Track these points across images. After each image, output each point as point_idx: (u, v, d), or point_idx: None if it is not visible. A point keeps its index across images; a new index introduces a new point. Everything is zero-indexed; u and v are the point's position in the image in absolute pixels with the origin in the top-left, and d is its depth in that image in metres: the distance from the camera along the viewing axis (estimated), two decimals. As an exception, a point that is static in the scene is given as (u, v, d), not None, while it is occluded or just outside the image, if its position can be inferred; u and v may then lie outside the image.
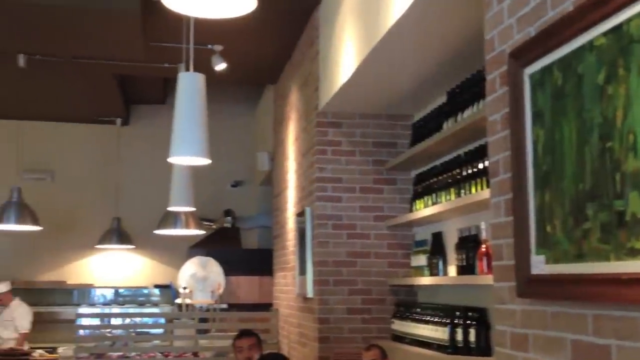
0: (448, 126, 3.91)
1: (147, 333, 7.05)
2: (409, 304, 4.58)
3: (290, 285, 5.88)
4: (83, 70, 6.54)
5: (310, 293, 4.99)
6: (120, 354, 6.00)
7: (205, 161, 3.50)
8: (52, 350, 6.43)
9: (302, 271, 5.19)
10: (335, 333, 4.80)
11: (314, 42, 5.15)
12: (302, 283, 5.20)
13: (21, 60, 6.01)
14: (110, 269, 8.79)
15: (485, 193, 3.14)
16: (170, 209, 5.43)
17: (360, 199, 4.97)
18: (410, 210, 4.64)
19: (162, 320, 7.52)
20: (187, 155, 3.54)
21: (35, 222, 6.61)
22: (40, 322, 7.23)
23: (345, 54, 4.24)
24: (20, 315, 6.95)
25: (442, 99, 4.23)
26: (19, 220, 6.45)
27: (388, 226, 4.90)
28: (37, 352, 6.15)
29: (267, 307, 6.83)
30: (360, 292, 4.87)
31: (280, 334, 6.25)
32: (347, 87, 4.35)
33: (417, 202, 4.50)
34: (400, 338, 4.39)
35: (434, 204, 4.14)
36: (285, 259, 6.14)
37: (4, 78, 6.80)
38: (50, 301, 8.19)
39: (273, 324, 6.32)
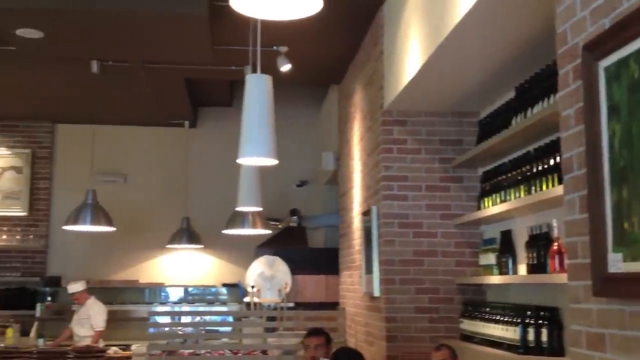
0: (517, 122, 3.84)
1: (216, 331, 7.19)
2: (477, 303, 4.52)
3: (356, 284, 5.89)
4: (153, 74, 6.73)
5: (376, 292, 4.99)
6: (191, 351, 6.14)
7: (273, 161, 3.55)
8: (126, 347, 6.59)
9: (369, 270, 5.19)
10: (403, 332, 4.78)
11: (378, 41, 5.14)
12: (368, 282, 5.20)
13: (94, 67, 6.24)
14: (180, 268, 9.00)
15: (557, 190, 3.08)
16: (238, 209, 5.51)
17: (427, 197, 4.93)
18: (478, 208, 4.58)
19: (231, 319, 7.67)
20: (255, 156, 3.59)
21: (109, 223, 6.81)
22: (113, 320, 7.43)
23: (411, 52, 4.22)
24: (96, 313, 7.14)
25: (510, 95, 4.16)
26: (94, 222, 6.65)
27: (455, 224, 4.85)
28: (112, 349, 6.33)
29: (333, 305, 6.86)
30: (428, 291, 4.85)
31: (347, 332, 6.26)
32: (412, 85, 4.33)
33: (485, 199, 4.43)
34: (469, 338, 4.34)
35: (502, 201, 4.08)
36: (352, 258, 6.16)
37: (78, 84, 7.06)
38: (123, 300, 8.44)
39: (340, 323, 6.35)
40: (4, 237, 8.61)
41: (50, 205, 8.88)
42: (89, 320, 7.08)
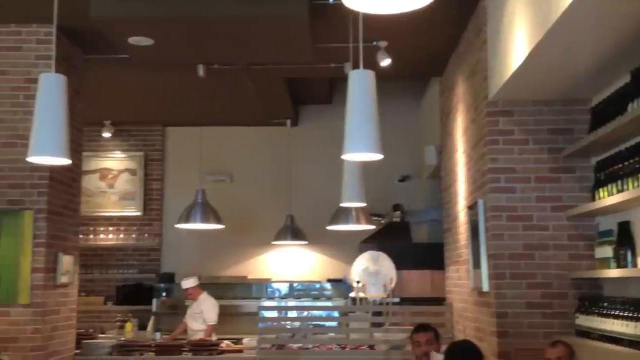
0: (634, 108, 3.65)
1: (323, 326, 7.29)
2: (594, 298, 4.33)
3: (463, 279, 5.79)
4: (256, 75, 6.89)
5: (485, 287, 4.88)
6: (300, 345, 6.26)
7: (377, 157, 3.55)
8: (237, 341, 6.80)
9: (476, 265, 5.09)
10: (515, 328, 4.66)
11: (481, 30, 5.03)
12: (476, 277, 5.10)
13: (201, 70, 6.46)
14: (286, 264, 9.18)
15: (682, 178, 2.90)
16: (342, 205, 5.56)
17: (536, 189, 4.78)
18: (592, 199, 4.39)
19: (336, 314, 7.74)
20: (359, 152, 3.60)
21: (218, 221, 7.03)
22: (224, 315, 7.66)
23: (516, 40, 4.10)
24: (208, 308, 7.39)
25: (625, 80, 3.95)
26: (204, 220, 6.89)
27: (568, 216, 4.67)
28: (224, 343, 6.54)
29: (439, 301, 6.78)
30: (540, 286, 4.69)
31: (455, 328, 6.17)
32: (518, 74, 4.20)
33: (600, 190, 4.24)
34: (585, 333, 4.17)
35: (619, 191, 3.89)
36: (458, 253, 6.06)
37: (186, 88, 7.34)
38: (233, 295, 8.68)
39: (447, 318, 6.27)
40: (121, 236, 9.09)
41: (162, 205, 9.30)
42: (202, 314, 7.34)
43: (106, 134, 8.93)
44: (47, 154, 3.30)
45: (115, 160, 9.26)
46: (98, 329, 7.53)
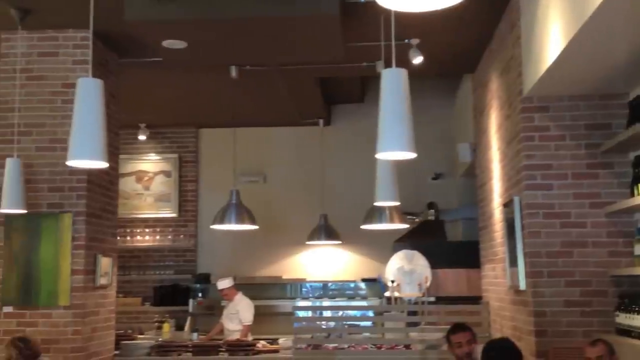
0: (673, 101, 3.57)
1: (358, 326, 7.28)
2: (635, 296, 4.25)
3: (500, 278, 5.74)
4: (288, 75, 6.92)
5: (522, 285, 4.83)
6: (335, 345, 6.26)
7: (411, 155, 3.53)
8: (273, 341, 6.82)
9: (513, 263, 5.03)
10: (553, 327, 4.60)
11: (514, 25, 4.97)
12: (513, 275, 5.05)
13: (233, 72, 6.51)
14: (320, 264, 9.19)
15: None
16: (376, 204, 5.54)
17: (573, 185, 4.71)
18: (631, 195, 4.31)
19: (371, 313, 7.73)
20: (393, 150, 3.59)
21: (253, 221, 7.06)
22: (259, 315, 7.69)
23: (551, 34, 4.04)
24: (243, 308, 7.42)
25: (664, 73, 3.88)
26: (239, 221, 6.91)
27: (607, 213, 4.59)
28: (260, 343, 6.57)
29: (475, 300, 6.72)
30: (578, 284, 4.63)
31: (492, 327, 6.11)
32: (554, 69, 4.14)
33: (639, 185, 4.16)
34: (626, 332, 4.10)
35: (659, 187, 3.81)
36: (494, 251, 6.00)
37: (219, 89, 7.40)
38: (268, 295, 8.71)
39: (484, 317, 6.21)
40: (158, 237, 9.20)
41: (197, 206, 9.39)
42: (238, 315, 7.38)
43: (141, 137, 9.05)
44: (86, 158, 3.36)
45: (151, 163, 9.38)
46: (136, 329, 7.63)
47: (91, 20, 3.67)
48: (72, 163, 3.42)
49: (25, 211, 5.15)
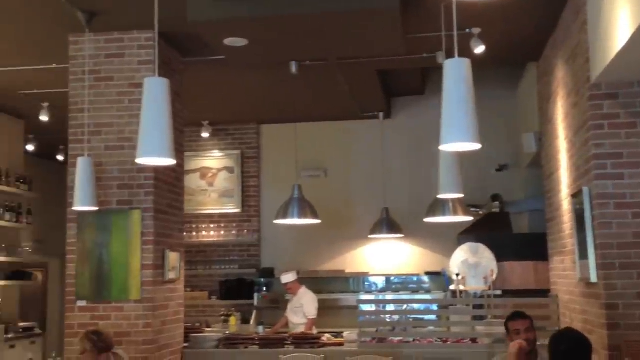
0: None
1: (422, 319, 7.23)
2: None
3: (569, 270, 5.60)
4: (347, 70, 6.91)
5: (593, 278, 4.70)
6: (400, 338, 6.24)
7: (475, 146, 3.48)
8: (337, 334, 6.84)
9: (583, 255, 4.90)
10: (625, 320, 4.47)
11: (580, 11, 4.83)
12: (583, 267, 4.92)
13: (293, 68, 6.55)
14: (382, 258, 9.16)
15: None
16: (439, 196, 5.48)
17: (646, 174, 4.55)
18: None
19: (435, 307, 7.66)
20: (457, 142, 3.55)
21: (315, 216, 7.08)
22: (323, 309, 7.73)
23: (620, 19, 3.90)
24: (307, 302, 7.48)
25: None
26: (301, 215, 6.94)
27: (683, 203, 4.42)
28: (325, 336, 6.60)
29: (544, 293, 6.58)
30: (653, 276, 4.47)
31: (562, 321, 5.98)
32: (623, 54, 4.00)
33: None
34: None
35: None
36: (562, 243, 5.86)
37: (280, 85, 7.46)
38: (331, 289, 8.75)
39: (553, 311, 6.08)
40: (222, 233, 9.36)
41: (260, 201, 9.50)
42: (302, 308, 7.44)
43: (205, 134, 9.21)
44: (154, 155, 3.44)
45: (214, 159, 9.54)
46: (203, 323, 7.78)
47: (156, 22, 3.75)
48: (141, 160, 3.51)
49: (96, 208, 5.32)
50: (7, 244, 8.12)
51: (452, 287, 7.01)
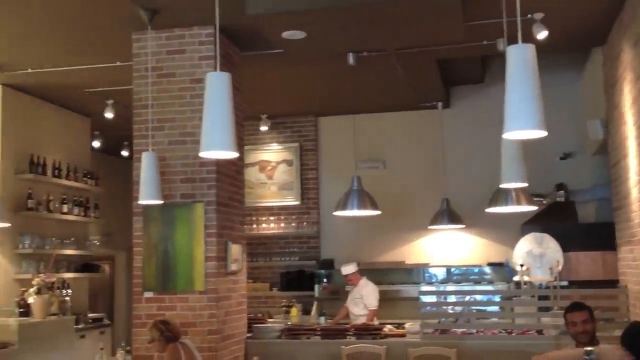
0: None
1: (484, 311, 7.13)
2: None
3: (639, 260, 5.42)
4: (405, 59, 6.85)
5: (666, 268, 4.54)
6: (463, 330, 6.18)
7: (541, 134, 3.40)
8: (398, 325, 6.82)
9: (654, 244, 4.74)
10: (702, 311, 4.30)
11: (649, -9, 4.66)
12: (655, 257, 4.76)
13: (351, 59, 6.53)
14: (443, 249, 9.07)
15: None
16: (502, 186, 5.38)
17: None
18: None
19: (498, 298, 7.54)
20: (521, 129, 3.47)
21: (375, 207, 7.05)
22: (384, 300, 7.72)
23: (693, -2, 3.75)
24: (368, 293, 7.48)
25: None
26: (361, 206, 6.91)
27: None
28: (387, 327, 6.59)
29: (612, 283, 6.40)
30: None
31: (632, 312, 5.80)
32: (697, 35, 3.85)
33: None
34: None
35: None
36: (631, 232, 5.68)
37: (337, 77, 7.46)
38: (391, 280, 8.73)
39: (622, 302, 5.92)
40: (282, 225, 9.44)
41: (319, 193, 9.53)
42: (362, 299, 7.45)
43: (263, 127, 9.29)
44: (217, 149, 3.48)
45: (273, 152, 9.62)
46: (265, 314, 7.88)
47: (217, 17, 3.80)
48: (204, 154, 3.56)
49: (161, 202, 5.44)
50: (76, 238, 8.40)
51: (516, 278, 6.89)
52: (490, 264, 8.65)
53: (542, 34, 5.64)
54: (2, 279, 7.26)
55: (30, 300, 6.92)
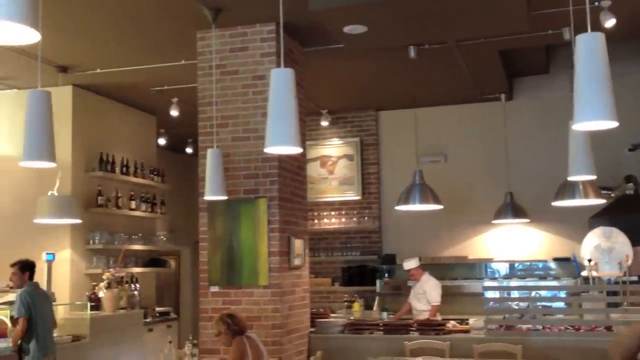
0: None
1: (550, 307, 6.98)
2: None
3: None
4: (467, 51, 6.76)
5: None
6: (529, 326, 6.07)
7: (612, 124, 3.31)
8: (462, 321, 6.76)
9: None
10: None
11: None
12: None
13: (412, 52, 6.49)
14: (507, 244, 8.92)
15: None
16: (570, 178, 5.26)
17: None
18: None
19: (563, 294, 7.37)
20: (591, 120, 3.39)
21: (437, 201, 7.00)
22: (446, 295, 7.65)
23: None
24: (431, 288, 7.42)
25: None
26: (423, 201, 6.89)
27: None
28: (450, 323, 6.54)
29: (685, 278, 6.18)
30: None
31: None
32: None
33: None
34: None
35: None
36: None
37: (398, 70, 7.43)
38: (453, 275, 8.64)
39: (697, 298, 5.70)
40: (343, 220, 9.46)
41: (380, 188, 9.51)
42: (425, 295, 7.40)
43: (324, 123, 9.32)
44: (282, 144, 3.52)
45: (334, 147, 9.64)
46: (327, 308, 7.92)
47: (281, 13, 3.84)
48: (269, 150, 3.60)
49: (225, 197, 5.53)
50: (144, 233, 8.63)
51: (584, 274, 6.73)
52: (555, 259, 8.46)
53: (609, 22, 5.48)
54: (74, 274, 7.52)
55: (101, 294, 7.17)
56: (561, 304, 7.13)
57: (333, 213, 9.52)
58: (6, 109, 7.75)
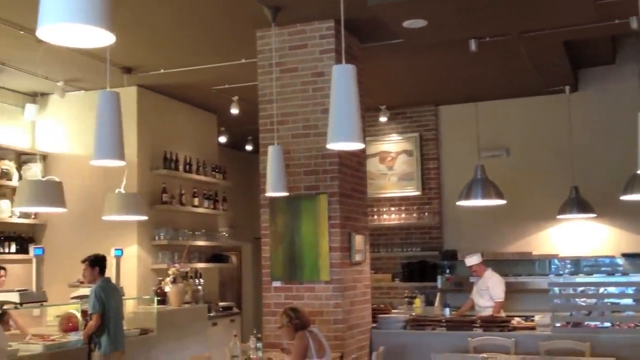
0: None
1: (619, 303, 6.76)
2: None
3: None
4: (530, 43, 6.62)
5: None
6: (597, 323, 5.91)
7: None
8: (526, 318, 6.64)
9: None
10: None
11: None
12: None
13: (472, 45, 6.38)
14: (572, 239, 8.71)
15: None
16: (640, 171, 5.10)
17: None
18: None
19: (632, 290, 7.13)
20: (664, 111, 3.29)
21: (500, 196, 6.88)
22: (510, 292, 7.53)
23: None
24: (494, 284, 7.32)
25: None
26: (485, 196, 6.78)
27: None
28: (515, 320, 6.43)
29: None
30: None
31: None
32: None
33: None
34: None
35: None
36: None
37: (458, 64, 7.33)
38: (517, 271, 8.47)
39: None
40: (403, 215, 9.42)
41: (440, 183, 9.42)
42: (488, 291, 7.30)
43: (382, 119, 9.29)
44: (344, 140, 3.53)
45: (393, 143, 9.60)
46: (388, 304, 7.90)
47: (342, 10, 3.85)
48: (331, 146, 3.61)
49: (286, 194, 5.59)
50: (206, 230, 8.79)
51: (655, 270, 6.50)
52: (624, 255, 8.20)
53: (681, 9, 5.26)
54: (142, 269, 7.73)
55: (167, 289, 7.35)
56: (630, 301, 6.91)
57: (393, 209, 9.48)
58: (75, 110, 8.02)
